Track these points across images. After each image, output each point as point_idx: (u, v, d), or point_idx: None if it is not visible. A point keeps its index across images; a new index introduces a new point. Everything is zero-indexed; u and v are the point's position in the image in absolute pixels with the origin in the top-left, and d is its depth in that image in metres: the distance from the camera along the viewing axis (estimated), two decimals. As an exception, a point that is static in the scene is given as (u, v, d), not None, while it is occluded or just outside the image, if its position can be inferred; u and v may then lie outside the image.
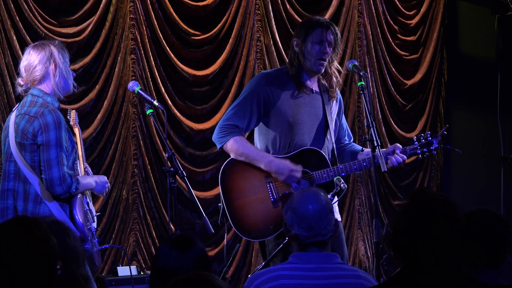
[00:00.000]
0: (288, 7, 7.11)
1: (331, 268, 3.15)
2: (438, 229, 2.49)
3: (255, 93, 4.52)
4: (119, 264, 6.18)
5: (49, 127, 4.07)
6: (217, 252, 6.68)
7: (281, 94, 4.53)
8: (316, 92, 4.60)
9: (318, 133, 4.58)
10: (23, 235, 2.21)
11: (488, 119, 8.12)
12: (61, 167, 4.04)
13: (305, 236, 3.17)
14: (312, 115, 4.56)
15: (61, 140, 4.07)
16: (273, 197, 4.47)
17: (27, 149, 4.10)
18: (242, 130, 4.52)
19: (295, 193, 3.38)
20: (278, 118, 4.52)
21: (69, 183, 4.05)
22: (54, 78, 4.21)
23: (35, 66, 4.21)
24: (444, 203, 2.53)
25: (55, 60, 4.21)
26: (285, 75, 4.58)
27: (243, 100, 4.54)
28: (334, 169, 4.47)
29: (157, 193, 6.50)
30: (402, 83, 7.80)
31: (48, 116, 4.08)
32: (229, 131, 4.51)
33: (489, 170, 8.20)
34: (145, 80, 6.46)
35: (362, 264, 7.45)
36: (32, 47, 4.28)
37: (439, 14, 8.01)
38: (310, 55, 4.51)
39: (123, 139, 6.39)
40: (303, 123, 4.53)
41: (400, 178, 7.81)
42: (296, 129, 4.52)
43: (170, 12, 6.58)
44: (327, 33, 4.50)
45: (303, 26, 4.59)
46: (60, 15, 6.19)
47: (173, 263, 2.71)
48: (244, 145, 4.49)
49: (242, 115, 4.51)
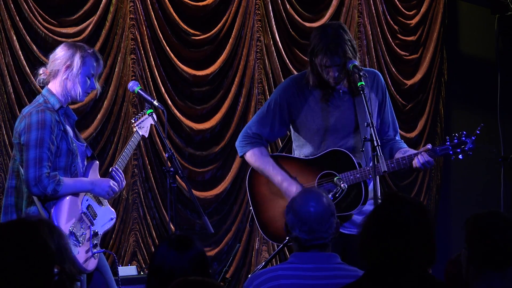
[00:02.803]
0: (288, 7, 7.11)
1: (331, 268, 3.14)
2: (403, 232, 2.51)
3: (279, 101, 4.47)
4: (119, 264, 6.18)
5: (31, 127, 4.06)
6: (217, 252, 6.68)
7: (307, 100, 4.46)
8: (344, 93, 4.46)
9: (349, 136, 4.47)
10: (21, 239, 2.20)
11: (488, 119, 8.11)
12: (38, 168, 4.01)
13: (305, 239, 3.16)
14: (341, 118, 4.45)
15: (42, 141, 4.04)
16: None
17: (17, 148, 4.15)
18: (264, 139, 4.51)
19: (297, 194, 3.36)
20: (306, 124, 4.46)
21: (45, 184, 4.00)
22: (61, 77, 4.20)
23: (55, 59, 4.25)
24: (412, 206, 2.55)
25: (72, 62, 4.20)
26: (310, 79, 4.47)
27: (267, 108, 4.51)
28: (361, 171, 4.36)
29: (157, 193, 6.50)
30: (402, 83, 7.80)
31: (34, 116, 4.08)
32: (250, 141, 4.50)
33: (489, 170, 8.19)
34: (145, 80, 6.46)
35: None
36: (64, 44, 4.32)
37: (439, 14, 8.01)
38: (321, 74, 4.38)
39: (123, 139, 6.39)
40: (331, 128, 4.44)
41: (400, 178, 7.81)
42: (324, 134, 4.45)
43: (170, 12, 6.58)
44: (331, 59, 4.30)
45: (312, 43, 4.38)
46: (60, 15, 6.19)
47: (169, 263, 2.71)
48: (261, 158, 4.49)
49: (265, 123, 4.49)
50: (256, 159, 4.49)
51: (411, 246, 2.50)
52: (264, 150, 4.52)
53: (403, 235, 2.50)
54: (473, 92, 8.30)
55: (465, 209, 7.30)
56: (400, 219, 2.52)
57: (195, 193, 6.19)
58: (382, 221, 2.54)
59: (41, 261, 2.19)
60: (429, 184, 7.98)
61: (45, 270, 2.19)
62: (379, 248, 2.51)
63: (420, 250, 2.51)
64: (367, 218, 2.59)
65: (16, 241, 2.20)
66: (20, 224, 2.27)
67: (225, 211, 6.81)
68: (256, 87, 6.91)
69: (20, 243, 2.19)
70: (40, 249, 2.19)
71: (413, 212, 2.54)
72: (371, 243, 2.54)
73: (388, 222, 2.52)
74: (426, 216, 2.56)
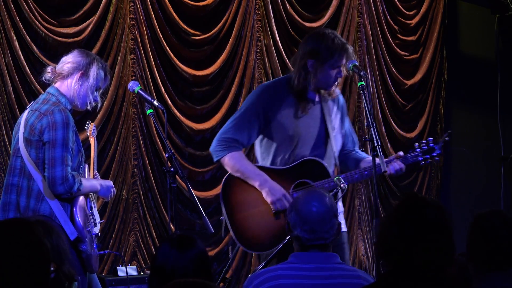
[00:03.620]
0: (288, 7, 7.11)
1: (331, 268, 3.14)
2: (424, 232, 2.51)
3: (255, 107, 4.47)
4: (119, 264, 6.18)
5: (57, 126, 4.07)
6: (217, 252, 6.68)
7: (281, 106, 4.47)
8: (316, 103, 4.54)
9: (319, 143, 4.52)
10: (15, 238, 2.20)
11: (488, 119, 8.12)
12: (64, 167, 4.04)
13: (307, 238, 3.16)
14: (312, 126, 4.50)
15: (68, 140, 4.07)
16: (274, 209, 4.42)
17: (33, 145, 4.10)
18: (241, 144, 4.48)
19: (300, 194, 3.37)
20: (279, 131, 4.47)
21: (71, 183, 4.04)
22: (74, 83, 4.21)
23: (68, 62, 4.25)
24: (433, 207, 2.55)
25: (87, 71, 4.23)
26: (285, 87, 4.51)
27: (243, 113, 4.49)
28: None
29: (157, 193, 6.50)
30: (402, 83, 7.80)
31: (58, 114, 4.09)
32: (227, 146, 4.46)
33: (489, 170, 8.20)
34: (145, 80, 6.46)
35: (362, 264, 7.45)
36: (80, 50, 4.34)
37: (439, 14, 8.01)
38: (325, 79, 4.42)
39: (123, 139, 6.39)
40: (303, 135, 4.47)
41: (400, 178, 7.80)
42: (296, 141, 4.46)
43: (170, 12, 6.58)
44: (343, 58, 4.41)
45: (320, 47, 4.43)
46: (60, 15, 6.19)
47: (171, 262, 2.71)
48: (241, 161, 4.45)
49: (241, 128, 4.46)
50: (235, 162, 4.43)
51: (432, 246, 2.49)
52: (243, 154, 4.50)
53: (424, 235, 2.50)
54: (473, 92, 8.30)
55: (465, 209, 7.30)
56: (421, 219, 2.51)
57: (195, 193, 6.18)
58: (403, 221, 2.52)
59: (36, 259, 2.19)
60: (429, 184, 7.98)
61: (41, 268, 2.19)
62: (399, 249, 2.50)
63: (440, 251, 2.51)
64: (387, 218, 2.58)
65: (11, 239, 2.20)
66: (15, 222, 2.28)
67: (225, 211, 6.80)
68: (256, 87, 6.90)
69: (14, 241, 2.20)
70: (35, 247, 2.19)
71: (434, 213, 2.53)
72: (392, 244, 2.53)
73: (409, 223, 2.51)
74: (446, 217, 2.55)
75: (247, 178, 4.42)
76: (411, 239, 2.50)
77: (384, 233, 2.57)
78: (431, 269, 2.50)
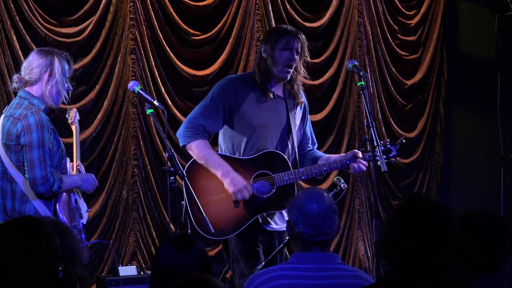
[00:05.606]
0: (288, 7, 7.11)
1: (331, 269, 3.15)
2: (429, 232, 2.50)
3: (221, 97, 4.63)
4: (119, 264, 6.18)
5: (31, 129, 4.18)
6: (217, 252, 6.68)
7: (246, 98, 4.63)
8: (280, 97, 4.71)
9: (282, 138, 4.68)
10: (25, 236, 2.21)
11: (488, 119, 8.12)
12: (43, 167, 4.16)
13: (309, 234, 3.18)
14: (275, 120, 4.67)
15: (43, 141, 4.18)
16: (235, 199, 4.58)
17: (12, 149, 4.22)
18: (207, 131, 4.63)
19: (299, 193, 3.38)
20: (243, 121, 4.63)
21: (52, 182, 4.16)
22: (46, 85, 4.33)
23: (32, 68, 4.35)
24: (438, 207, 2.55)
25: (53, 70, 4.33)
26: (250, 80, 4.69)
27: (209, 102, 4.65)
28: (295, 172, 4.58)
29: (157, 193, 6.50)
30: (402, 83, 7.80)
31: (31, 118, 4.20)
32: (195, 132, 4.61)
33: (489, 170, 8.20)
34: (145, 80, 6.46)
35: (362, 264, 7.45)
36: (37, 51, 4.42)
37: (439, 14, 8.01)
38: (277, 62, 4.61)
39: (123, 139, 6.39)
40: (266, 127, 4.63)
41: (400, 178, 7.81)
42: (259, 133, 4.62)
43: (170, 12, 6.58)
44: (294, 41, 4.61)
45: (272, 33, 4.71)
46: (60, 15, 6.19)
47: (174, 263, 2.71)
48: (206, 150, 4.60)
49: (208, 116, 4.62)
50: (201, 149, 4.59)
51: (436, 247, 2.49)
52: (208, 143, 4.65)
53: (429, 235, 2.49)
54: (473, 92, 8.30)
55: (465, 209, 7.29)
56: (425, 219, 2.51)
57: (195, 193, 6.19)
58: (408, 221, 2.52)
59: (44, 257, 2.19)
60: (429, 184, 7.98)
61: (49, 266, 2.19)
62: (403, 248, 2.50)
63: (444, 251, 2.50)
64: (391, 218, 2.58)
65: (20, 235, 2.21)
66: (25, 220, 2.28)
67: (225, 211, 6.81)
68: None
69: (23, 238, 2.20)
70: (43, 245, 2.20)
71: (438, 212, 2.53)
72: (395, 243, 2.52)
73: (413, 222, 2.51)
74: (450, 217, 2.55)
75: (210, 167, 4.59)
76: (415, 239, 2.49)
77: (388, 233, 2.56)
78: (435, 270, 2.50)
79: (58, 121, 6.08)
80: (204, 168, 4.61)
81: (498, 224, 3.04)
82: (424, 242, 2.49)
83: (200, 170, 4.62)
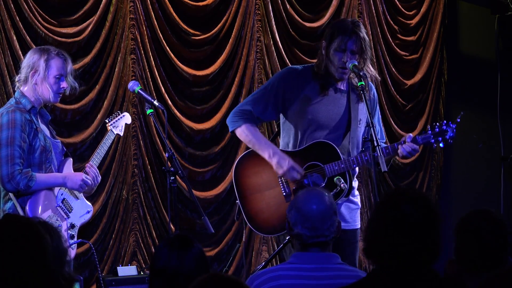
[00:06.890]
0: (288, 7, 7.11)
1: (331, 269, 3.15)
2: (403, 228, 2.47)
3: (276, 85, 4.54)
4: (119, 264, 6.18)
5: (2, 127, 4.27)
6: (217, 252, 6.68)
7: (303, 91, 4.52)
8: (342, 91, 4.55)
9: (338, 132, 4.52)
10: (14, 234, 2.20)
11: (488, 119, 8.12)
12: (10, 165, 4.22)
13: (308, 236, 3.17)
14: (333, 114, 4.51)
15: (13, 139, 4.24)
16: (285, 192, 4.47)
17: None
18: (255, 117, 4.54)
19: (299, 192, 3.37)
20: (298, 115, 4.51)
21: (18, 180, 4.22)
22: (31, 83, 4.40)
23: (23, 67, 4.46)
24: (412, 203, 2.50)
25: (37, 67, 4.39)
26: (310, 73, 4.54)
27: (263, 89, 4.59)
28: (346, 161, 4.40)
29: (157, 193, 6.50)
30: (402, 83, 7.80)
31: (4, 117, 4.29)
32: (243, 117, 4.53)
33: (489, 170, 8.20)
34: (145, 80, 6.45)
35: (362, 264, 7.45)
36: (31, 50, 4.52)
37: (439, 14, 8.01)
38: (332, 62, 4.46)
39: (123, 139, 6.39)
40: (322, 121, 4.49)
41: (400, 178, 7.81)
42: (315, 127, 4.49)
43: (170, 12, 6.58)
44: (348, 42, 4.42)
45: (330, 30, 4.53)
46: (60, 15, 6.19)
47: (174, 263, 2.71)
48: (254, 133, 4.53)
49: (258, 102, 4.53)
50: (248, 133, 4.51)
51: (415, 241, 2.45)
52: (257, 128, 4.59)
53: (407, 230, 2.46)
54: (473, 92, 8.30)
55: (465, 209, 7.28)
56: (402, 214, 2.48)
57: (195, 193, 6.19)
58: (386, 217, 2.50)
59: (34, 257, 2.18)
60: (429, 184, 7.98)
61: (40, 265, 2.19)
62: (383, 244, 2.48)
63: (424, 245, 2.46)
64: (372, 214, 2.57)
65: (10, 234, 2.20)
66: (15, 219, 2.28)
67: (225, 211, 6.81)
68: (256, 87, 6.90)
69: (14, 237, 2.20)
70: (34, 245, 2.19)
71: (416, 207, 2.49)
72: (376, 240, 2.51)
73: (391, 218, 2.48)
74: (430, 210, 2.51)
75: (258, 149, 4.49)
76: (390, 236, 2.47)
77: (368, 230, 2.55)
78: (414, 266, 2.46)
79: (58, 121, 6.09)
80: (252, 164, 4.54)
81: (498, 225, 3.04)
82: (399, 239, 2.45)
83: (248, 166, 4.56)
